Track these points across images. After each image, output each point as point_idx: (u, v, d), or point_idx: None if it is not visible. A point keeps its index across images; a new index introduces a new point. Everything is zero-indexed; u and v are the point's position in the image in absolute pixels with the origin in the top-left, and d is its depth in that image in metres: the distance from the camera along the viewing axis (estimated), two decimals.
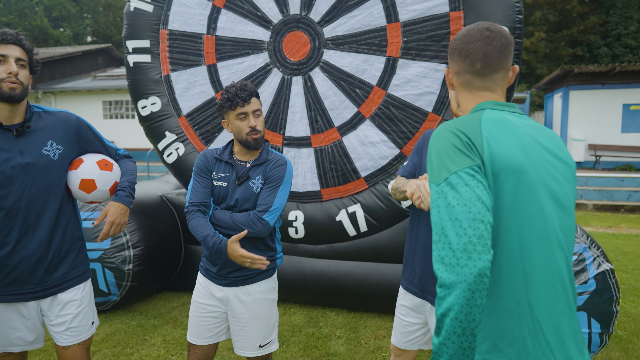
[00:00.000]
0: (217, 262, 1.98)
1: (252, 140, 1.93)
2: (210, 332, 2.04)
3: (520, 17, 3.11)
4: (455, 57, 1.25)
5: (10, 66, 1.67)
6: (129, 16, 3.92)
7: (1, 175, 1.68)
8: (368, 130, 3.50)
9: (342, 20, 3.46)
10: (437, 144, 1.05)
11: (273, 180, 1.96)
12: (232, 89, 1.92)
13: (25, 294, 1.78)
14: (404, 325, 1.98)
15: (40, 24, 31.89)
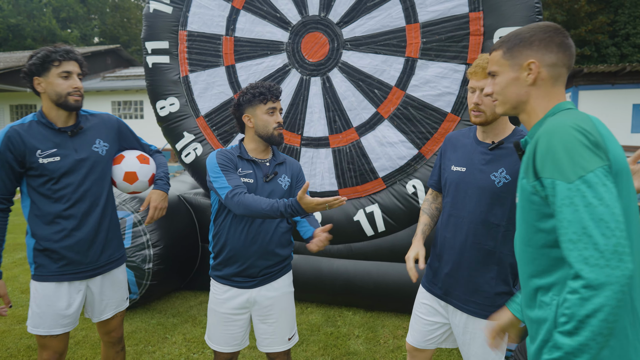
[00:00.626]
0: (246, 262, 1.96)
1: (277, 135, 1.98)
2: (236, 340, 2.06)
3: (540, 17, 3.11)
4: (553, 47, 1.19)
5: (75, 81, 1.94)
6: (148, 17, 3.96)
7: (61, 169, 1.92)
8: (386, 131, 3.52)
9: (361, 21, 3.48)
10: (561, 140, 1.02)
11: (302, 182, 2.12)
12: (264, 86, 1.96)
13: (78, 272, 2.00)
14: (424, 324, 1.95)
15: (48, 25, 32.17)
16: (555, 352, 0.97)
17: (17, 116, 18.91)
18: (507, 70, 1.25)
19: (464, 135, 1.90)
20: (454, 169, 1.84)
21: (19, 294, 4.27)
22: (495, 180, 1.70)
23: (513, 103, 1.26)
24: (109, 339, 2.23)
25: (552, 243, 1.09)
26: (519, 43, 1.22)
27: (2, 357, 3.03)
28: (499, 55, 1.27)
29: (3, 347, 3.17)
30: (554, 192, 1.01)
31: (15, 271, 4.99)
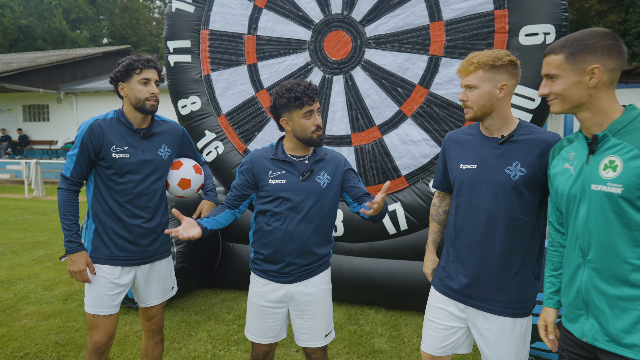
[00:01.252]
0: (284, 259, 1.98)
1: (317, 137, 1.95)
2: (273, 332, 2.09)
3: (566, 14, 3.09)
4: (614, 54, 1.33)
5: (153, 88, 2.12)
6: (170, 17, 3.99)
7: (128, 166, 2.12)
8: (409, 129, 3.52)
9: (385, 20, 3.48)
10: None
11: (354, 174, 2.11)
12: (299, 88, 1.89)
13: (130, 259, 2.18)
14: (439, 330, 1.87)
15: (58, 26, 32.46)
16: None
17: (29, 116, 19.11)
18: (569, 74, 1.37)
19: (466, 133, 1.86)
20: (463, 167, 1.79)
21: (42, 290, 4.32)
22: (511, 174, 1.67)
23: (573, 104, 1.38)
24: (150, 326, 2.37)
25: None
26: (583, 49, 1.34)
27: (32, 353, 3.07)
28: (560, 60, 1.38)
29: (32, 343, 3.22)
30: None
31: (37, 269, 5.05)
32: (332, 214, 2.05)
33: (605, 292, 1.33)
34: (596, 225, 1.33)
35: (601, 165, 1.33)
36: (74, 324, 3.55)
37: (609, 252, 1.31)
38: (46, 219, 8.27)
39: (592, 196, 1.34)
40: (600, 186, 1.31)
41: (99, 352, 2.15)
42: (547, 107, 3.20)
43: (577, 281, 1.40)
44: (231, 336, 3.35)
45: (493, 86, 1.67)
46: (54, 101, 18.55)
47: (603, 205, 1.31)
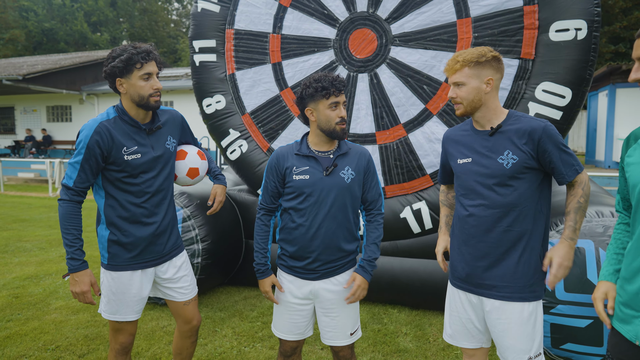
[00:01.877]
0: (310, 256, 2.00)
1: (340, 129, 1.96)
2: (299, 329, 2.10)
3: (598, 9, 3.03)
4: None
5: (155, 82, 1.98)
6: (196, 17, 4.04)
7: (142, 166, 2.02)
8: (435, 127, 3.49)
9: (411, 17, 3.46)
10: None
11: (374, 173, 2.07)
12: (327, 79, 1.92)
13: (150, 261, 2.10)
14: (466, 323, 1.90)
15: (80, 29, 33.19)
16: None
17: (53, 117, 19.56)
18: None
19: (461, 129, 1.94)
20: (460, 162, 1.87)
21: (70, 286, 4.41)
22: (504, 163, 1.74)
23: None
24: (190, 329, 2.27)
25: None
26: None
27: (63, 346, 3.13)
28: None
29: (62, 336, 3.29)
30: None
31: (64, 264, 5.16)
32: (356, 209, 2.05)
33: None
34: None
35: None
36: (102, 319, 3.62)
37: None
38: None
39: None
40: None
41: (125, 351, 2.13)
42: (577, 105, 3.14)
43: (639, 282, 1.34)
44: (256, 333, 3.37)
45: (480, 81, 1.76)
46: (77, 102, 18.96)
47: None
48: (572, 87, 3.09)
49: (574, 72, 3.09)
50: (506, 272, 1.76)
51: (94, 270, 5.00)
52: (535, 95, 3.18)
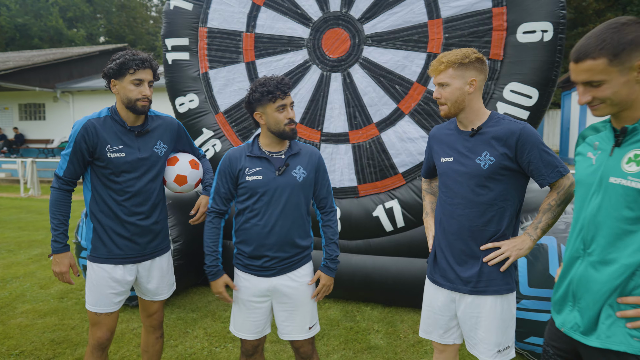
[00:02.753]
0: (266, 254, 2.01)
1: (289, 130, 2.00)
2: (258, 327, 2.12)
3: (564, 12, 3.11)
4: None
5: (145, 89, 2.08)
6: (168, 14, 3.98)
7: (124, 165, 2.10)
8: (407, 126, 3.52)
9: (383, 17, 3.48)
10: None
11: (324, 172, 2.15)
12: (272, 82, 1.96)
13: (130, 257, 2.18)
14: (439, 317, 1.94)
15: (55, 25, 32.34)
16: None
17: (25, 115, 19.03)
18: (616, 76, 1.24)
19: (446, 128, 1.98)
20: (442, 160, 1.92)
21: (37, 289, 4.31)
22: (482, 164, 1.78)
23: (624, 104, 1.28)
24: (151, 322, 2.37)
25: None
26: (626, 47, 1.22)
27: (28, 351, 3.05)
28: (603, 64, 1.25)
29: (27, 340, 3.20)
30: None
31: (33, 267, 5.03)
32: (308, 207, 2.12)
33: (594, 289, 1.33)
34: (607, 219, 1.31)
35: (625, 158, 1.29)
36: (70, 322, 3.54)
37: (611, 248, 1.30)
38: (42, 217, 8.24)
39: (608, 189, 1.31)
40: (620, 179, 1.28)
41: (101, 347, 2.17)
42: (543, 105, 3.21)
43: (572, 274, 1.40)
44: (228, 333, 3.34)
45: (463, 82, 1.78)
46: (50, 100, 18.49)
47: (618, 200, 1.28)
48: (539, 87, 3.16)
49: (540, 73, 3.16)
50: (481, 267, 1.81)
51: None
52: (504, 96, 3.24)
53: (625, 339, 1.26)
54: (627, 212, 1.26)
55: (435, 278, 1.94)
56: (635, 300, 1.25)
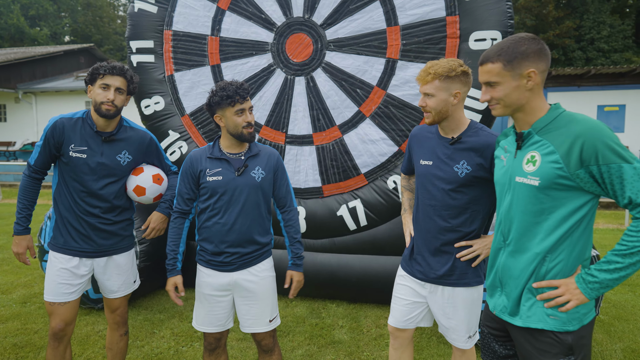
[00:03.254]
0: (227, 250, 2.10)
1: (247, 134, 2.10)
2: (220, 320, 2.20)
3: (511, 22, 3.32)
4: (543, 57, 1.44)
5: (110, 94, 2.18)
6: (132, 17, 4.00)
7: (82, 166, 2.23)
8: (368, 129, 3.66)
9: (344, 23, 3.62)
10: (610, 134, 1.35)
11: (282, 172, 2.26)
12: (231, 87, 2.05)
13: (85, 252, 2.28)
14: (404, 305, 2.10)
15: (16, 23, 31.14)
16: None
17: None
18: (509, 80, 1.45)
19: (427, 131, 2.09)
20: (422, 162, 2.04)
21: None
22: (459, 172, 1.91)
23: (515, 106, 1.48)
24: (114, 318, 2.44)
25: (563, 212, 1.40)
26: (518, 56, 1.43)
27: None
28: (498, 68, 1.45)
29: None
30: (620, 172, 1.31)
31: None
32: (268, 206, 2.22)
33: (514, 275, 1.50)
34: (517, 213, 1.48)
35: (524, 159, 1.47)
36: (33, 326, 3.50)
37: (523, 239, 1.47)
38: (3, 222, 7.99)
39: (515, 187, 1.49)
40: (522, 178, 1.46)
41: (56, 337, 2.25)
42: None
43: (497, 263, 1.57)
44: (195, 332, 3.39)
45: (448, 94, 1.89)
46: (12, 101, 17.84)
47: (523, 196, 1.46)
48: None
49: None
50: (454, 262, 1.96)
51: None
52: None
53: (543, 317, 1.43)
54: (531, 207, 1.44)
55: (411, 270, 2.08)
56: (547, 284, 1.42)
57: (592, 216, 1.42)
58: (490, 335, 1.65)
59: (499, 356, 1.63)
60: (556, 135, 1.40)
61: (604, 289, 1.36)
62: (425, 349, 3.15)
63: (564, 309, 1.39)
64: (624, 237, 1.34)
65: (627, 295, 4.33)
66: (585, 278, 1.38)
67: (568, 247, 1.40)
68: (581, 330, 1.41)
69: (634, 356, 3.08)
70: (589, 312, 1.44)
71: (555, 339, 1.41)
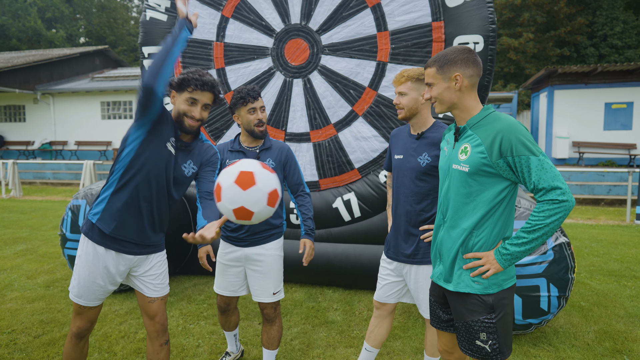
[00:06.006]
0: (241, 228, 2.51)
1: (257, 130, 2.50)
2: (233, 286, 2.63)
3: (493, 26, 3.56)
4: (470, 64, 1.71)
5: (196, 111, 2.06)
6: (144, 25, 4.34)
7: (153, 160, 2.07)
8: (361, 127, 3.95)
9: (338, 29, 3.90)
10: (523, 131, 1.62)
11: (293, 163, 2.65)
12: (244, 90, 2.48)
13: (128, 245, 2.10)
14: (385, 283, 2.42)
15: (33, 25, 32.03)
16: None
17: (5, 117, 18.97)
18: (440, 82, 1.76)
19: (402, 131, 2.44)
20: (396, 157, 2.37)
21: (25, 279, 4.61)
22: (421, 162, 2.24)
23: (449, 104, 1.77)
24: (154, 326, 2.21)
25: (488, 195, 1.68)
26: (447, 62, 1.73)
27: (19, 329, 3.38)
28: (434, 72, 1.76)
29: (18, 321, 3.53)
30: (528, 162, 1.57)
31: (19, 261, 5.32)
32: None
33: (448, 246, 1.79)
34: (453, 195, 1.77)
35: (459, 150, 1.75)
36: (57, 306, 3.87)
37: (455, 216, 1.76)
38: (25, 217, 8.46)
39: (452, 173, 1.78)
40: (457, 166, 1.74)
41: (80, 336, 2.18)
42: None
43: (437, 237, 1.86)
44: (201, 313, 3.72)
45: (418, 94, 2.27)
46: (31, 102, 18.49)
47: (456, 180, 1.75)
48: None
49: None
50: (418, 243, 2.28)
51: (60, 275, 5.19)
52: None
53: (470, 283, 1.72)
54: (462, 189, 1.73)
55: (388, 253, 2.42)
56: (472, 255, 1.71)
57: (512, 200, 1.71)
58: (435, 303, 1.95)
59: (442, 320, 1.93)
60: (483, 130, 1.68)
61: (514, 260, 1.65)
62: (411, 329, 3.43)
63: (484, 276, 1.68)
64: (529, 217, 1.62)
65: (612, 285, 4.54)
66: (501, 251, 1.67)
67: (490, 226, 1.69)
68: (501, 293, 1.70)
69: (605, 337, 3.31)
70: (509, 279, 1.73)
71: (479, 300, 1.70)
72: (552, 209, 1.56)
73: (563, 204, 1.56)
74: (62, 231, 4.13)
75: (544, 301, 3.04)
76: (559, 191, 1.56)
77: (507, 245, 1.65)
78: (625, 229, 7.69)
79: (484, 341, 1.69)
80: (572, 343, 3.22)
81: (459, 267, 1.75)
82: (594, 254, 5.82)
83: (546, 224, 1.57)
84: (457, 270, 1.76)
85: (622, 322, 3.58)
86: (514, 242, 1.63)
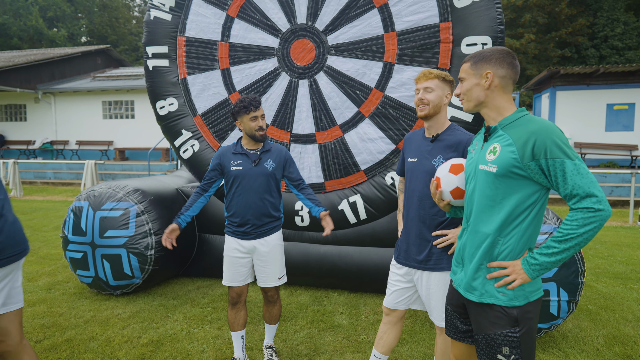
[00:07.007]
0: (247, 222, 2.77)
1: (259, 135, 2.76)
2: (241, 276, 2.85)
3: (501, 27, 3.52)
4: (505, 65, 1.67)
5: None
6: (148, 24, 4.29)
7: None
8: (367, 128, 3.90)
9: (344, 30, 3.86)
10: (559, 134, 1.55)
11: (291, 163, 2.91)
12: (247, 99, 2.72)
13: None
14: (395, 289, 2.37)
15: (35, 24, 31.97)
16: None
17: (6, 116, 18.93)
18: (472, 77, 1.72)
19: (416, 134, 2.40)
20: (409, 160, 2.33)
21: (26, 282, 4.56)
22: (435, 165, 2.19)
23: (476, 102, 1.72)
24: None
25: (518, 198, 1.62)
26: (482, 60, 1.69)
27: None
28: (468, 67, 1.73)
29: None
30: (562, 166, 1.51)
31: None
32: (278, 188, 2.87)
33: (471, 253, 1.72)
34: (477, 197, 1.70)
35: (488, 150, 1.68)
36: (58, 309, 3.83)
37: (477, 220, 1.70)
38: (26, 217, 8.41)
39: (478, 174, 1.71)
40: (484, 166, 1.67)
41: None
42: None
43: (460, 242, 1.80)
44: (205, 317, 3.68)
45: (443, 93, 2.24)
46: (32, 101, 18.43)
47: (483, 181, 1.67)
48: None
49: None
50: (431, 249, 2.22)
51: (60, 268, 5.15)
52: (451, 100, 3.64)
53: (494, 294, 1.65)
54: (488, 191, 1.65)
55: (398, 259, 2.37)
56: (498, 264, 1.65)
57: (541, 208, 1.63)
58: (452, 312, 1.87)
59: (459, 331, 1.85)
60: (516, 131, 1.61)
61: (543, 270, 1.57)
62: (418, 333, 3.39)
63: (510, 286, 1.60)
64: (561, 226, 1.54)
65: (619, 287, 4.50)
66: (529, 260, 1.58)
67: (518, 233, 1.61)
68: (527, 306, 1.62)
69: (614, 341, 3.27)
70: (536, 290, 1.65)
71: (503, 312, 1.62)
72: (586, 217, 1.48)
73: (599, 213, 1.47)
74: (64, 233, 4.08)
75: (553, 306, 3.00)
76: (594, 199, 1.48)
77: (536, 254, 1.57)
78: (628, 230, 7.65)
79: (506, 356, 1.62)
80: (582, 348, 3.17)
81: (482, 276, 1.68)
82: (599, 256, 5.78)
83: (579, 233, 1.48)
84: (480, 279, 1.68)
85: (630, 326, 3.54)
86: (544, 251, 1.55)
